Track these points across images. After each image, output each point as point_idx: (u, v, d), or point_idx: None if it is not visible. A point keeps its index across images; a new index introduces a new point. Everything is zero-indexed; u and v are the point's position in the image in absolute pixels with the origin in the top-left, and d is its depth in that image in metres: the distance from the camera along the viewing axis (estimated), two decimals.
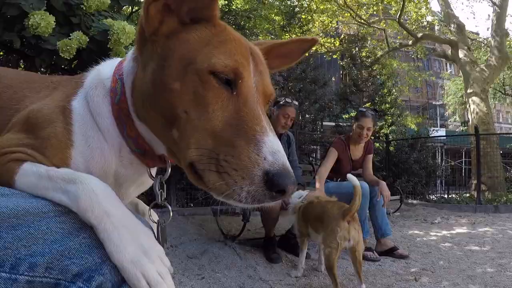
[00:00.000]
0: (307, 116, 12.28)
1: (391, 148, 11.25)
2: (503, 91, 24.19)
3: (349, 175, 3.32)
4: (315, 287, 3.58)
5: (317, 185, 4.58)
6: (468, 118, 13.44)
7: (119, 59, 1.03)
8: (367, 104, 12.98)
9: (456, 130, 29.24)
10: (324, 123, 13.38)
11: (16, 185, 0.84)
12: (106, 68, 1.02)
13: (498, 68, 12.86)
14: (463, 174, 16.85)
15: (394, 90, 15.63)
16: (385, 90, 13.50)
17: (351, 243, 3.13)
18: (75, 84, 1.01)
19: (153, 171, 1.06)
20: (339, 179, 5.00)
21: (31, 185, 0.83)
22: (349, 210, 3.13)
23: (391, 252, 4.65)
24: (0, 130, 0.99)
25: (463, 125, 28.41)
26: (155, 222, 1.04)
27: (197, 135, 0.79)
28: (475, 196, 9.64)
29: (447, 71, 35.57)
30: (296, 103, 5.02)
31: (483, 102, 12.25)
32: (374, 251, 4.60)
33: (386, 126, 12.76)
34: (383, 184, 4.80)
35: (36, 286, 0.71)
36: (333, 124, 13.28)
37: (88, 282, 0.72)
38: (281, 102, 4.73)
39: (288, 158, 2.86)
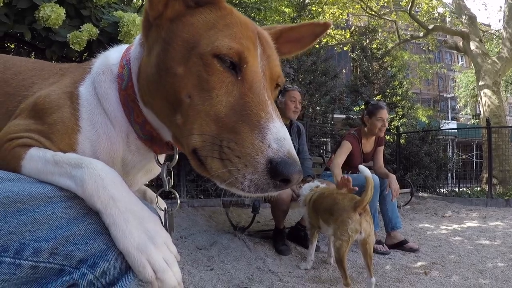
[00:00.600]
0: (317, 108, 12.22)
1: (402, 141, 11.18)
2: None
3: (361, 167, 3.29)
4: (324, 280, 3.58)
5: (336, 177, 4.56)
6: (480, 111, 13.32)
7: (127, 45, 1.03)
8: (378, 97, 12.92)
9: (468, 123, 28.97)
10: (334, 115, 13.32)
11: (23, 170, 0.84)
12: (114, 54, 1.01)
13: (510, 60, 12.66)
14: (474, 167, 16.72)
15: (405, 82, 15.50)
16: (396, 82, 13.38)
17: (362, 235, 3.11)
18: (83, 70, 1.01)
19: (161, 158, 1.06)
20: (350, 171, 4.98)
21: (37, 170, 0.83)
22: (360, 202, 3.10)
23: (401, 245, 4.64)
24: (9, 116, 0.99)
25: (474, 118, 28.20)
26: (162, 210, 1.03)
27: (200, 121, 0.77)
28: (486, 190, 9.56)
29: (458, 63, 35.29)
30: (297, 87, 5.00)
31: (495, 94, 12.11)
32: (384, 244, 4.60)
33: (397, 118, 12.67)
34: (393, 177, 4.78)
35: (40, 272, 0.71)
36: (344, 116, 13.20)
37: (92, 268, 0.72)
38: (285, 88, 4.72)
39: (298, 149, 2.88)
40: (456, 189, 10.94)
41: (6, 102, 1.04)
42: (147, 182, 1.19)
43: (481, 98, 12.60)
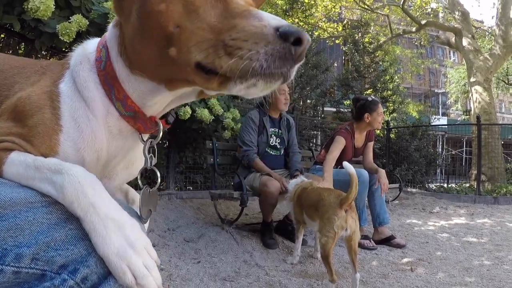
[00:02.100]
0: (308, 101, 12.22)
1: (392, 136, 11.20)
2: (506, 81, 23.99)
3: (345, 163, 3.27)
4: (311, 274, 3.58)
5: (326, 174, 4.58)
6: (470, 107, 13.36)
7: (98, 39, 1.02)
8: (369, 91, 12.94)
9: (458, 119, 29.15)
10: (325, 108, 13.31)
11: (4, 175, 0.84)
12: (90, 43, 1.01)
13: (502, 58, 12.72)
14: (463, 163, 16.86)
15: (396, 77, 15.53)
16: (387, 77, 13.37)
17: (348, 232, 3.11)
18: (62, 67, 0.99)
19: (145, 137, 1.03)
20: (339, 167, 4.97)
21: (18, 175, 0.83)
22: (346, 199, 3.09)
23: (388, 241, 4.65)
24: None
25: (465, 114, 28.38)
26: (142, 186, 1.02)
27: (195, 38, 0.76)
28: (475, 187, 9.60)
29: (450, 59, 35.43)
30: (296, 95, 5.00)
31: (486, 91, 12.15)
32: (371, 240, 4.61)
33: (388, 113, 12.69)
34: (382, 172, 4.81)
35: (23, 277, 0.71)
36: (334, 109, 13.20)
37: (73, 274, 0.72)
38: None
39: (287, 143, 2.91)
40: (445, 185, 10.99)
41: None
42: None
43: (472, 95, 12.63)
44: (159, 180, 1.02)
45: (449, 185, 10.92)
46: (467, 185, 10.92)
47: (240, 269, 3.62)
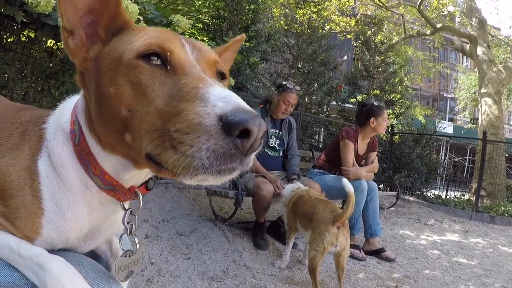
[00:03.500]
0: (313, 97, 12.16)
1: (395, 140, 11.15)
2: None
3: (344, 181, 3.29)
4: (297, 282, 3.61)
5: (358, 169, 4.83)
6: (478, 119, 13.25)
7: (76, 98, 1.03)
8: (376, 91, 12.82)
9: (465, 127, 28.84)
10: (330, 104, 13.19)
11: None
12: (65, 110, 1.02)
13: None
14: (465, 172, 16.78)
15: (406, 79, 15.37)
16: (397, 80, 13.22)
17: (337, 248, 3.13)
18: (39, 138, 0.99)
19: (126, 204, 1.05)
20: (338, 173, 4.98)
21: (4, 255, 0.89)
22: (340, 216, 3.11)
23: (378, 253, 4.67)
24: None
25: (471, 122, 28.05)
26: (123, 250, 1.06)
27: (145, 123, 0.74)
28: (473, 201, 9.51)
29: (463, 64, 34.92)
30: (298, 88, 4.97)
31: (496, 104, 11.98)
32: (361, 250, 4.62)
33: (393, 116, 12.59)
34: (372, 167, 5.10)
35: None
36: (339, 106, 13.09)
37: None
38: (283, 87, 4.66)
39: (287, 145, 3.40)
40: (443, 195, 10.91)
41: None
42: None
43: (481, 106, 12.46)
44: (138, 246, 1.05)
45: (448, 196, 10.82)
46: (466, 197, 10.88)
47: (228, 269, 3.65)
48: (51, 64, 5.68)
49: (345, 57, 20.43)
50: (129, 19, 0.88)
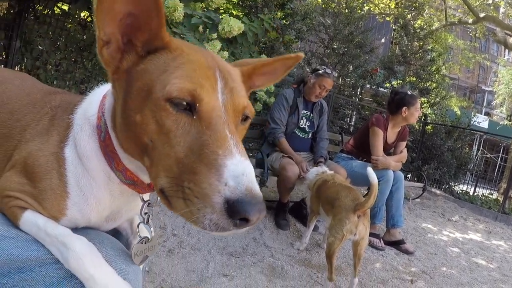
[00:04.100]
0: (347, 80, 11.98)
1: (427, 130, 10.95)
2: None
3: (369, 170, 3.28)
4: (313, 265, 3.65)
5: (387, 158, 4.80)
6: None
7: (106, 89, 1.05)
8: (412, 78, 12.54)
9: (500, 123, 27.96)
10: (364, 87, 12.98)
11: (21, 228, 0.99)
12: (93, 102, 1.05)
13: None
14: (496, 169, 16.42)
15: (444, 68, 14.93)
16: (434, 68, 12.86)
17: (356, 237, 3.14)
18: (67, 125, 1.04)
19: (146, 195, 1.11)
20: (365, 159, 4.97)
21: (32, 232, 0.97)
22: (361, 205, 3.10)
23: (397, 245, 4.65)
24: (7, 158, 1.08)
25: (508, 119, 27.16)
26: (139, 237, 1.12)
27: (163, 162, 0.79)
28: (501, 202, 9.23)
29: (504, 57, 33.60)
30: (336, 74, 4.94)
31: None
32: (381, 240, 4.61)
33: (427, 106, 12.32)
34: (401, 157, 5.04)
35: None
36: (373, 91, 12.86)
37: None
38: (320, 71, 4.61)
39: (317, 128, 3.51)
40: (471, 192, 10.70)
41: (3, 144, 1.10)
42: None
43: None
44: (153, 234, 1.13)
45: (475, 193, 10.59)
46: (494, 196, 10.64)
47: (248, 246, 3.73)
48: (84, 37, 5.79)
49: (383, 40, 19.94)
50: (169, 40, 0.86)
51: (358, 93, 12.68)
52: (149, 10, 0.80)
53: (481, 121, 19.91)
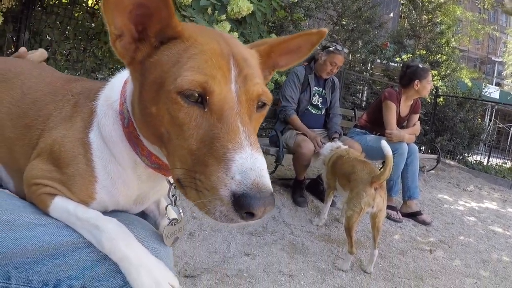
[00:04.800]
0: (357, 55, 11.90)
1: (439, 103, 10.90)
2: None
3: (383, 143, 3.30)
4: (334, 239, 3.71)
5: (401, 132, 4.83)
6: None
7: (126, 74, 1.04)
8: (422, 52, 12.45)
9: (511, 92, 27.77)
10: (374, 62, 12.89)
11: (51, 215, 1.01)
12: (115, 88, 1.05)
13: None
14: (509, 139, 16.30)
15: (453, 40, 14.75)
16: (443, 40, 12.73)
17: (374, 209, 3.18)
18: (90, 111, 1.05)
19: (171, 178, 1.12)
20: (379, 133, 4.99)
21: (62, 218, 1.00)
22: (377, 178, 3.13)
23: (414, 216, 4.70)
24: (32, 147, 1.09)
25: None
26: (169, 219, 1.14)
27: (178, 153, 0.81)
28: None
29: None
30: (346, 51, 4.93)
31: None
32: (398, 212, 4.66)
33: (438, 78, 12.23)
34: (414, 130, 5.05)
35: None
36: (383, 66, 12.79)
37: None
38: (331, 48, 4.61)
39: (330, 104, 3.56)
40: (485, 161, 10.67)
41: (27, 134, 1.11)
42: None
43: None
44: (182, 215, 1.15)
45: (489, 163, 10.57)
46: (508, 166, 10.61)
47: (267, 224, 3.78)
48: (93, 25, 5.75)
49: (391, 15, 19.68)
50: (181, 29, 0.85)
51: (369, 68, 12.60)
52: (156, 0, 0.80)
53: (492, 92, 19.69)
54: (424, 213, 4.80)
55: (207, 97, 0.79)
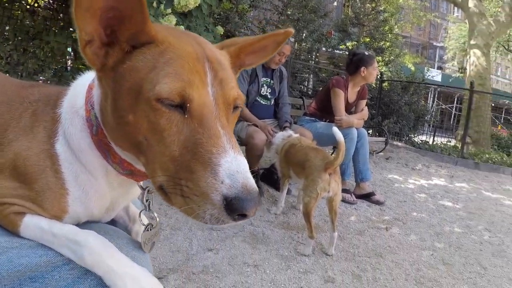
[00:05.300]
0: (303, 44, 12.05)
1: (384, 87, 11.24)
2: (506, 46, 23.87)
3: (334, 129, 3.37)
4: (292, 226, 3.76)
5: (350, 117, 4.93)
6: (466, 68, 13.28)
7: (90, 78, 1.01)
8: (366, 39, 12.78)
9: (453, 75, 29.00)
10: (320, 50, 13.09)
11: (22, 236, 0.94)
12: (78, 94, 0.99)
13: (506, 26, 12.41)
14: (452, 118, 17.03)
15: (396, 27, 15.23)
16: (387, 27, 13.14)
17: (330, 194, 3.25)
18: (53, 119, 0.99)
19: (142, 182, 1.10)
20: (328, 120, 5.09)
21: (35, 237, 0.93)
22: (331, 163, 3.20)
23: (368, 197, 4.86)
24: None
25: (460, 71, 28.17)
26: (144, 225, 1.10)
27: (159, 160, 0.79)
28: (459, 148, 9.77)
29: (453, 14, 34.49)
30: (292, 40, 4.99)
31: (484, 56, 11.98)
32: (352, 194, 4.80)
33: (382, 64, 12.60)
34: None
35: None
36: (328, 54, 13.03)
37: None
38: None
39: (278, 94, 3.46)
40: (430, 141, 11.14)
41: None
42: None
43: (469, 57, 12.47)
44: (157, 220, 1.10)
45: (434, 142, 11.06)
46: (452, 143, 11.11)
47: None
48: (33, 23, 5.50)
49: (335, 3, 20.04)
50: (155, 33, 0.81)
51: (314, 57, 12.80)
52: (131, 4, 0.76)
53: (435, 75, 20.50)
54: (377, 193, 4.96)
55: (188, 105, 0.78)
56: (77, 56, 5.59)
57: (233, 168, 0.74)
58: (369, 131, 10.08)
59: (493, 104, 12.58)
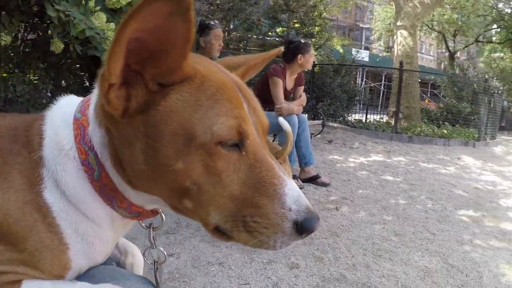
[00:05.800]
0: (233, 34, 12.04)
1: (317, 71, 11.48)
2: (430, 26, 25.14)
3: (280, 119, 3.39)
4: None
5: (290, 104, 4.99)
6: (393, 46, 13.79)
7: (69, 109, 0.87)
8: (296, 25, 12.97)
9: (380, 55, 30.22)
10: (250, 39, 13.16)
11: None
12: (63, 132, 0.85)
13: (431, 7, 13.12)
14: (381, 96, 17.70)
15: (324, 11, 15.57)
16: (316, 13, 13.40)
17: None
18: (31, 162, 0.83)
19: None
20: (268, 109, 5.12)
21: None
22: (280, 153, 3.24)
23: (313, 180, 4.99)
24: None
25: (386, 50, 29.49)
26: (150, 263, 1.06)
27: (215, 203, 0.75)
28: (393, 124, 10.27)
29: None
30: (220, 24, 5.01)
31: (411, 36, 12.58)
32: (298, 179, 4.92)
33: (313, 48, 12.83)
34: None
35: None
36: (259, 41, 13.13)
37: None
38: (211, 24, 4.65)
39: None
40: (364, 119, 11.57)
41: None
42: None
43: (396, 37, 13.02)
44: (166, 257, 1.04)
45: (368, 120, 11.50)
46: (384, 120, 11.59)
47: (180, 220, 3.68)
48: None
49: None
50: (189, 69, 0.73)
51: (244, 45, 12.83)
52: (173, 38, 0.65)
53: (364, 56, 21.21)
54: (322, 175, 5.10)
55: (247, 141, 0.76)
56: None
57: (295, 194, 0.76)
58: (305, 115, 10.30)
59: (420, 80, 13.19)
